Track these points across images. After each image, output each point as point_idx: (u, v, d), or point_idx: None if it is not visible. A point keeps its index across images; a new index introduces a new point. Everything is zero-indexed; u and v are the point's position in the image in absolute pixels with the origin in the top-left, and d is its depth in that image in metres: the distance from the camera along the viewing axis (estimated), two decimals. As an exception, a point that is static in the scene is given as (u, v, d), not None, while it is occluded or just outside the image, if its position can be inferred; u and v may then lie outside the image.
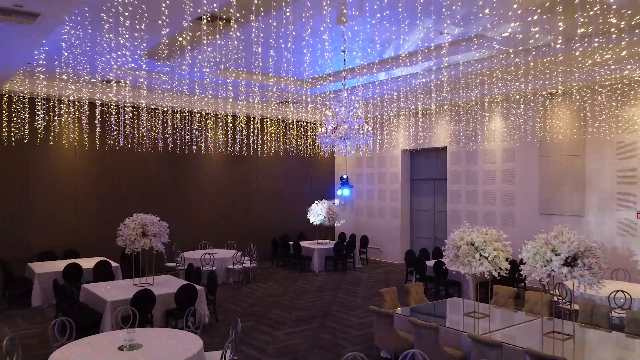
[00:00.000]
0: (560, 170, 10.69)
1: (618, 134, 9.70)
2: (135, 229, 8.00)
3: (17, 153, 10.94)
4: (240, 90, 11.00)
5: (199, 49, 8.01)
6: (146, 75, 9.72)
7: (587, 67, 8.67)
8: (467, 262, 6.34)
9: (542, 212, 10.99)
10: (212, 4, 5.84)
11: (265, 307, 9.38)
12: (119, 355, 4.98)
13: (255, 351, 6.97)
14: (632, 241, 9.55)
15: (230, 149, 13.98)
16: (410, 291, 7.66)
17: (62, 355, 5.01)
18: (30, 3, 5.33)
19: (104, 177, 12.19)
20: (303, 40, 7.56)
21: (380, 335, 6.36)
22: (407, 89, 10.94)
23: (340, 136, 8.41)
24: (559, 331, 5.77)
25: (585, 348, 5.53)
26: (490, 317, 6.57)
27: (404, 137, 14.44)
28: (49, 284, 9.45)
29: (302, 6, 6.00)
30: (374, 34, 7.24)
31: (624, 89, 9.45)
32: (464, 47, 7.46)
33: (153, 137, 12.55)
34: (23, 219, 11.08)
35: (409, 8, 5.96)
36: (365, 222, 15.71)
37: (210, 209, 13.88)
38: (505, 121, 11.72)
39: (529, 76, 9.50)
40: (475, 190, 12.53)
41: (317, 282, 11.80)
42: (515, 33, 6.77)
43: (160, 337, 5.64)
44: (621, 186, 9.73)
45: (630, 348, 5.66)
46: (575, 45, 6.91)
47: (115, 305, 7.22)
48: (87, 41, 7.21)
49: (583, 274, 5.23)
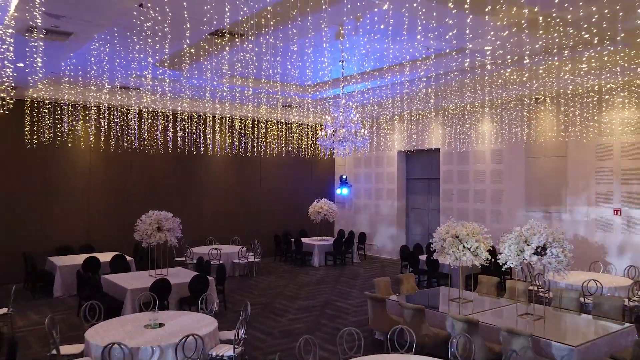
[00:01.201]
0: (544, 170, 11.46)
1: (596, 137, 10.45)
2: (151, 224, 8.76)
3: (38, 154, 11.70)
4: (246, 95, 11.74)
5: (210, 59, 8.75)
6: (160, 82, 10.45)
7: (566, 77, 9.41)
8: (452, 253, 7.10)
9: (528, 209, 11.75)
10: (223, 22, 6.58)
11: (270, 298, 10.14)
12: (146, 331, 5.75)
13: (262, 334, 7.73)
14: (609, 236, 10.32)
15: (235, 150, 14.73)
16: (402, 281, 8.41)
17: (96, 331, 5.77)
18: (67, 24, 6.06)
19: (116, 177, 12.95)
20: (305, 53, 8.31)
21: (374, 318, 7.12)
22: (401, 95, 11.67)
23: (338, 139, 9.16)
24: (532, 313, 6.55)
25: (552, 326, 6.26)
26: (473, 303, 7.33)
27: (399, 139, 15.19)
28: (69, 276, 10.24)
29: (305, 25, 6.74)
30: (368, 48, 7.98)
31: (601, 96, 10.20)
32: (446, 61, 8.21)
33: (165, 139, 13.29)
34: (42, 215, 11.84)
35: (397, 27, 6.70)
36: (363, 219, 16.47)
37: (217, 207, 14.64)
38: (493, 125, 12.47)
39: (513, 84, 10.24)
40: (466, 189, 13.29)
41: (317, 276, 12.55)
42: (494, 48, 7.52)
43: (179, 317, 6.40)
44: (599, 185, 10.49)
45: (586, 325, 6.39)
46: (549, 58, 7.66)
47: (135, 293, 7.97)
48: (110, 53, 7.94)
49: (550, 262, 6.01)
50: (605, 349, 5.60)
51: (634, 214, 9.98)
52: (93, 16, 5.70)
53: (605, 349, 5.59)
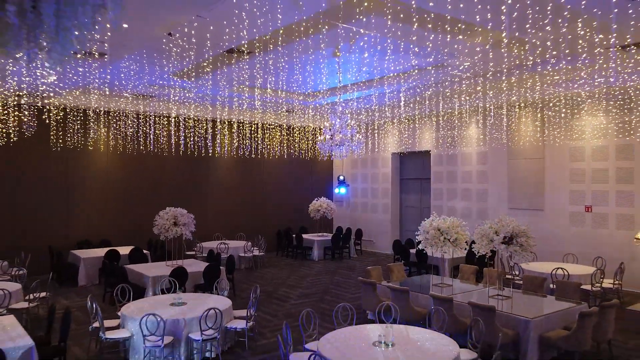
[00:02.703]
0: (525, 171, 12.52)
1: (570, 141, 11.51)
2: (168, 219, 9.80)
3: (61, 157, 12.75)
4: (252, 102, 12.78)
5: (221, 71, 9.79)
6: (174, 91, 11.49)
7: (538, 87, 10.47)
8: (434, 244, 8.15)
9: (510, 207, 12.81)
10: (238, 42, 7.62)
11: (274, 286, 11.19)
12: (172, 308, 6.80)
13: (268, 315, 8.79)
14: (581, 231, 11.37)
15: (240, 152, 15.78)
16: (392, 270, 9.46)
17: (129, 309, 6.82)
18: (103, 47, 7.10)
19: (130, 177, 14.01)
20: (306, 66, 9.37)
21: (366, 300, 8.17)
22: (394, 102, 12.73)
23: (336, 143, 10.22)
24: (502, 295, 7.60)
25: (517, 304, 7.30)
26: (453, 287, 8.38)
27: (393, 141, 16.25)
28: (91, 267, 11.30)
29: (306, 45, 7.79)
30: (360, 63, 9.04)
31: (574, 104, 11.26)
32: (428, 75, 9.28)
33: (177, 142, 14.34)
34: (64, 213, 12.90)
35: (383, 49, 7.77)
36: (359, 216, 17.53)
37: (223, 205, 15.70)
38: (479, 129, 13.53)
39: (495, 92, 11.30)
40: (454, 188, 14.36)
41: (317, 268, 13.61)
42: (472, 64, 8.59)
43: (198, 297, 7.46)
44: (573, 185, 11.55)
45: (546, 303, 7.39)
46: (516, 72, 8.72)
47: (155, 280, 9.03)
48: (135, 68, 8.98)
49: (516, 249, 7.07)
50: (559, 321, 6.65)
51: (602, 210, 11.03)
52: (127, 41, 6.73)
53: (559, 321, 6.65)
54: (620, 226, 10.72)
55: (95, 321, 6.54)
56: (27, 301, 7.86)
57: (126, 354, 6.55)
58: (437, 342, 5.35)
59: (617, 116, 10.71)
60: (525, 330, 6.33)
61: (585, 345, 6.16)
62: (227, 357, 6.68)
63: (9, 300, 7.31)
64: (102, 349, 6.60)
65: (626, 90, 10.36)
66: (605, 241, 10.92)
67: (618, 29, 6.83)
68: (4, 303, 7.20)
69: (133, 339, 6.39)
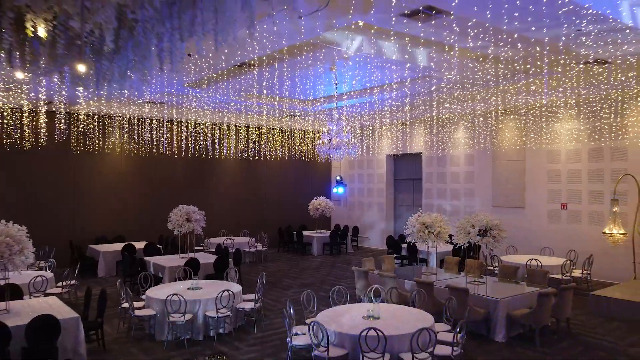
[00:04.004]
0: (507, 172, 13.57)
1: (547, 144, 12.57)
2: (182, 216, 10.84)
3: (81, 159, 13.79)
4: (256, 108, 13.83)
5: (232, 81, 10.82)
6: (185, 98, 12.51)
7: (517, 96, 11.53)
8: (420, 236, 9.19)
9: (494, 205, 13.86)
10: (246, 59, 8.65)
11: (277, 278, 12.24)
12: (190, 292, 7.83)
13: (272, 301, 9.84)
14: (557, 227, 12.42)
15: (245, 155, 16.82)
16: (384, 261, 10.49)
17: (153, 292, 7.85)
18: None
19: (143, 178, 15.06)
20: (306, 77, 10.42)
21: (360, 287, 9.20)
22: (387, 108, 13.79)
23: (333, 147, 11.28)
24: (478, 281, 8.65)
25: (491, 288, 8.33)
26: (437, 275, 9.43)
27: (388, 144, 17.31)
28: (110, 260, 12.35)
29: (307, 61, 8.84)
30: (354, 75, 10.11)
31: (551, 111, 12.32)
32: (416, 85, 10.36)
33: (187, 145, 15.38)
34: (82, 211, 13.94)
35: (375, 64, 8.82)
36: (356, 215, 18.58)
37: (227, 204, 16.75)
38: (466, 133, 14.59)
39: (479, 100, 12.35)
40: (444, 188, 15.41)
41: (316, 262, 14.65)
42: (455, 76, 9.65)
43: (212, 283, 8.51)
44: (550, 184, 12.61)
45: (516, 288, 8.42)
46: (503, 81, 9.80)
47: (171, 269, 10.07)
48: (155, 82, 9.99)
49: (489, 240, 8.13)
50: (525, 302, 7.70)
51: (576, 208, 12.08)
52: (150, 59, 7.76)
53: (524, 302, 7.69)
54: (592, 222, 11.77)
55: (125, 302, 7.58)
56: (60, 287, 8.90)
57: (151, 330, 7.59)
58: (416, 317, 6.40)
59: (588, 123, 11.77)
60: (495, 309, 7.37)
61: (545, 321, 7.21)
62: (238, 333, 7.72)
63: (46, 286, 8.35)
64: (131, 326, 7.63)
65: (595, 99, 11.42)
66: (578, 236, 11.97)
67: (575, 49, 7.90)
68: (42, 288, 8.24)
69: (157, 317, 7.43)
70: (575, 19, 6.48)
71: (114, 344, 7.30)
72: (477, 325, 7.57)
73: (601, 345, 7.22)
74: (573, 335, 7.63)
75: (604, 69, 9.10)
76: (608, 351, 6.97)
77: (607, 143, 11.47)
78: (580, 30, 6.93)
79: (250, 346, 7.19)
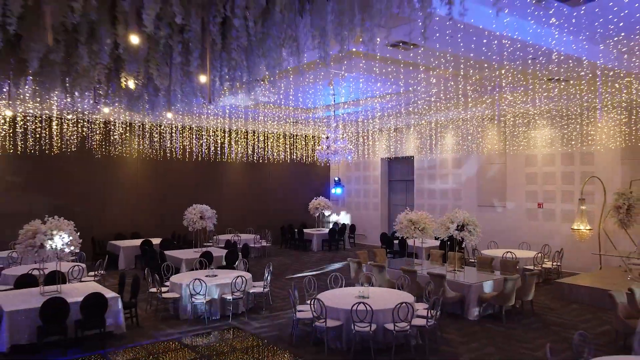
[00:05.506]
0: (491, 174, 14.87)
1: (525, 149, 13.87)
2: (196, 214, 12.14)
3: (100, 162, 15.09)
4: (259, 115, 15.13)
5: (237, 93, 12.11)
6: (195, 106, 13.79)
7: (503, 105, 12.84)
8: (407, 232, 10.47)
9: (479, 204, 15.16)
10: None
11: (281, 270, 13.53)
12: (207, 279, 9.08)
13: (277, 289, 11.13)
14: (535, 224, 13.73)
15: (249, 158, 18.12)
16: (377, 253, 11.78)
17: (177, 279, 9.13)
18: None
19: (156, 180, 16.35)
20: (307, 90, 11.73)
21: (354, 275, 10.50)
22: (381, 115, 15.11)
23: (332, 152, 12.58)
24: (456, 270, 9.93)
25: (467, 275, 9.60)
26: (422, 265, 10.71)
27: (382, 148, 18.61)
28: (130, 254, 13.64)
29: (307, 78, 10.14)
30: (349, 89, 11.43)
31: (529, 118, 13.62)
32: (402, 98, 11.68)
33: (200, 149, 16.67)
34: (101, 210, 15.23)
35: (365, 81, 10.12)
36: (353, 214, 19.88)
37: (233, 204, 18.05)
38: (454, 138, 15.89)
39: (463, 108, 13.66)
40: (434, 189, 16.70)
41: (316, 257, 15.94)
42: (437, 91, 10.96)
43: (226, 272, 9.80)
44: (528, 186, 13.90)
45: (488, 275, 9.71)
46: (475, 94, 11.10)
47: (187, 261, 11.36)
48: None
49: (466, 234, 9.42)
50: (495, 287, 8.99)
51: (551, 207, 13.38)
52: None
53: (494, 287, 8.99)
54: (564, 219, 13.07)
55: (152, 287, 8.88)
56: (92, 276, 10.19)
57: (175, 312, 8.88)
58: (400, 296, 7.69)
59: (560, 130, 13.08)
60: (468, 293, 8.66)
61: (510, 302, 8.50)
62: (251, 313, 9.01)
63: (82, 274, 9.64)
64: (157, 307, 8.92)
65: (563, 110, 12.73)
66: (552, 232, 13.27)
67: (540, 69, 9.21)
68: (79, 275, 9.53)
69: (181, 299, 8.71)
70: (523, 55, 7.82)
71: (145, 321, 8.58)
72: (453, 307, 8.86)
73: (558, 322, 8.51)
74: (536, 315, 8.92)
75: (568, 84, 10.41)
76: (563, 327, 8.26)
77: (576, 149, 12.77)
78: (535, 59, 8.25)
79: (261, 322, 8.49)
